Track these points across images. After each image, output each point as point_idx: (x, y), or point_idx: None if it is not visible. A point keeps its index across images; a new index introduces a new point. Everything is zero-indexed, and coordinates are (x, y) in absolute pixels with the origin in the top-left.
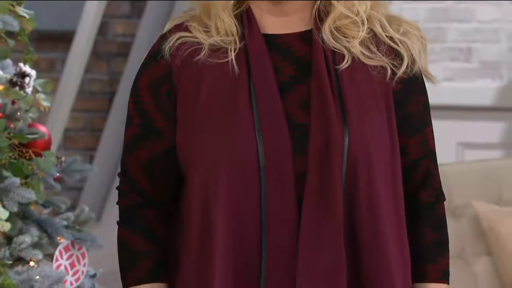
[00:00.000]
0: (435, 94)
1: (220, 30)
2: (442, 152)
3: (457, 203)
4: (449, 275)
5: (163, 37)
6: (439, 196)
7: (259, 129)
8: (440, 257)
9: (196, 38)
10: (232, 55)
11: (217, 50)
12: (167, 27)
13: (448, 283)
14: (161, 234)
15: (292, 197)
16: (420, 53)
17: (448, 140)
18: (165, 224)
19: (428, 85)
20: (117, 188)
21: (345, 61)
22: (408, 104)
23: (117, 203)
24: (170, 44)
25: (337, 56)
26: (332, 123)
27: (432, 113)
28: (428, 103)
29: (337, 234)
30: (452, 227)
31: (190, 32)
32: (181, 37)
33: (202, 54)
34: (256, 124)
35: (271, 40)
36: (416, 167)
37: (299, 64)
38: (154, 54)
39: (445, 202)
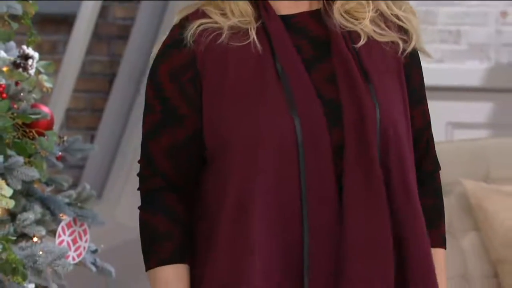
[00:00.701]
0: (426, 76)
1: (235, 12)
2: (432, 131)
3: (446, 181)
4: (446, 241)
5: (181, 26)
6: (437, 166)
7: (293, 105)
8: (440, 222)
9: (217, 23)
10: (253, 34)
11: (237, 33)
12: (178, 17)
13: (445, 248)
14: (183, 216)
15: (331, 170)
16: (418, 30)
17: (438, 120)
18: (187, 208)
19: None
20: (137, 174)
21: (362, 39)
22: (412, 77)
23: (138, 189)
24: (192, 31)
25: (353, 35)
26: (363, 97)
27: None
28: (423, 76)
29: (382, 208)
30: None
31: (209, 17)
32: (202, 23)
33: (223, 37)
34: (288, 101)
35: (287, 20)
36: (420, 137)
37: (316, 43)
38: (175, 42)
39: None
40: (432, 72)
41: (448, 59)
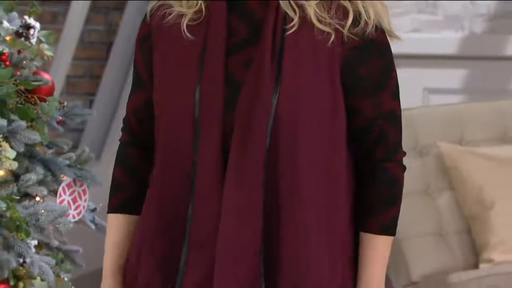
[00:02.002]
0: (404, 44)
1: None
2: (410, 97)
3: (423, 143)
4: (391, 228)
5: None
6: (392, 155)
7: (199, 86)
8: (383, 211)
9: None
10: (184, 22)
11: (185, 13)
12: None
13: (390, 235)
14: (140, 171)
15: (218, 148)
16: (381, 15)
17: (415, 86)
18: (148, 164)
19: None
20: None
21: (293, 23)
22: (360, 68)
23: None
24: (151, 7)
25: (288, 20)
26: (263, 82)
27: (401, 61)
28: (389, 66)
29: (257, 180)
30: (418, 165)
31: None
32: (163, 2)
33: (171, 16)
34: (199, 80)
35: (236, 1)
36: (370, 127)
37: (254, 27)
38: (145, 16)
39: (412, 142)
40: (410, 41)
41: (425, 29)
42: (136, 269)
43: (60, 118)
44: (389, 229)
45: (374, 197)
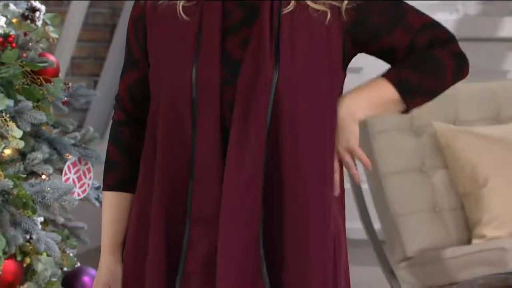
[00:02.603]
0: None
1: None
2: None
3: (418, 123)
4: (404, 89)
5: None
6: (443, 44)
7: (196, 65)
8: (404, 69)
9: None
10: (180, 4)
11: None
12: None
13: (399, 93)
14: (134, 149)
15: (217, 126)
16: None
17: None
18: (142, 142)
19: None
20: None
21: (289, 5)
22: (369, 20)
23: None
24: None
25: (283, 2)
26: (263, 60)
27: None
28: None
29: (259, 157)
30: (414, 144)
31: None
32: None
33: None
34: (195, 60)
35: None
36: (413, 48)
37: (249, 9)
38: None
39: (407, 122)
40: None
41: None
42: (136, 246)
43: (65, 98)
44: (402, 87)
45: (405, 61)
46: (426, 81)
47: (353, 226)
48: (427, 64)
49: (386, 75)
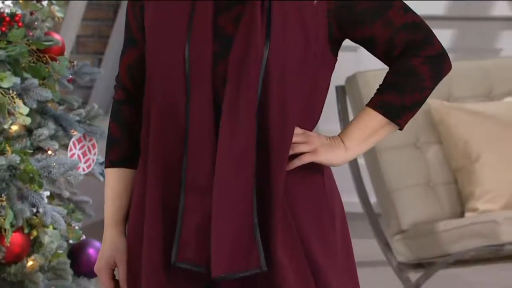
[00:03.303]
0: None
1: None
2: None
3: None
4: (390, 112)
5: None
6: (416, 50)
7: (188, 40)
8: (387, 92)
9: None
10: None
11: None
12: None
13: (386, 118)
14: (134, 126)
15: (209, 99)
16: None
17: None
18: (141, 120)
19: None
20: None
21: None
22: (355, 6)
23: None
24: None
25: None
26: (255, 35)
27: None
28: None
29: (250, 128)
30: (409, 121)
31: None
32: None
33: None
34: (188, 36)
35: None
36: (391, 47)
37: None
38: None
39: None
40: None
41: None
42: (138, 220)
43: (70, 76)
44: (388, 111)
45: (385, 80)
46: (408, 97)
47: (350, 200)
48: (405, 80)
49: (370, 104)
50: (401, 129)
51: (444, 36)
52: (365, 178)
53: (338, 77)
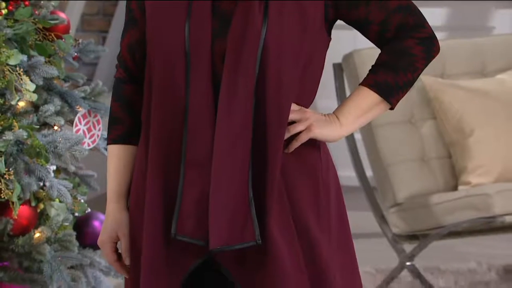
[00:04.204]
0: None
1: None
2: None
3: None
4: (384, 91)
5: None
6: (410, 32)
7: (188, 18)
8: (381, 72)
9: None
10: None
11: None
12: None
13: (380, 96)
14: (135, 104)
15: (209, 75)
16: None
17: None
18: (142, 99)
19: None
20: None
21: None
22: None
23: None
24: None
25: None
26: (253, 13)
27: None
28: None
29: (248, 104)
30: (404, 97)
31: None
32: None
33: None
34: (188, 14)
35: None
36: (385, 28)
37: None
38: None
39: None
40: None
41: None
42: (139, 194)
43: (75, 54)
44: (382, 90)
45: (379, 59)
46: (401, 77)
47: (347, 174)
48: (398, 60)
49: (365, 83)
50: (392, 108)
51: (439, 15)
52: (362, 153)
53: (335, 55)
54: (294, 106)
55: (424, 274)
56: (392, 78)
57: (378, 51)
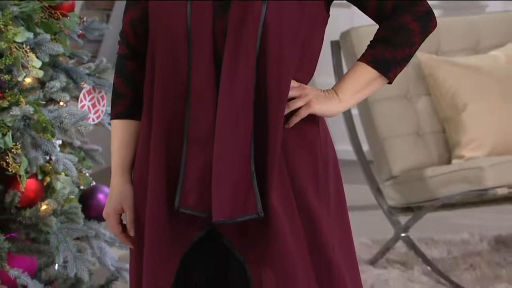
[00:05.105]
0: None
1: None
2: None
3: None
4: (381, 66)
5: None
6: (407, 8)
7: None
8: (379, 47)
9: None
10: None
11: None
12: None
13: (377, 72)
14: (138, 80)
15: (210, 53)
16: None
17: None
18: (144, 75)
19: None
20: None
21: None
22: None
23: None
24: None
25: None
26: None
27: None
28: None
29: (249, 81)
30: (400, 73)
31: None
32: None
33: None
34: None
35: None
36: (385, 1)
37: None
38: None
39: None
40: None
41: None
42: (143, 168)
43: (80, 31)
44: (380, 65)
45: (377, 35)
46: (399, 52)
47: (344, 148)
48: (395, 36)
49: (363, 59)
50: (390, 82)
51: None
52: (358, 127)
53: (333, 32)
54: (293, 83)
55: (418, 245)
56: (389, 53)
57: (375, 28)
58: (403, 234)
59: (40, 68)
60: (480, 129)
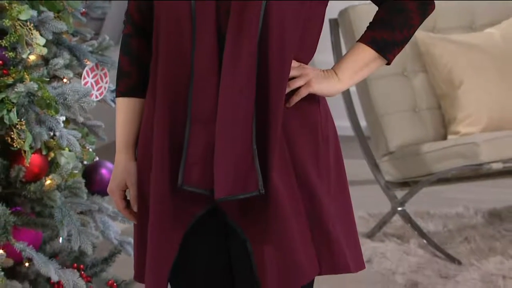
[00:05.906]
0: None
1: None
2: None
3: None
4: (381, 48)
5: None
6: None
7: None
8: (378, 29)
9: None
10: None
11: None
12: None
13: (378, 53)
14: (143, 59)
15: (214, 34)
16: None
17: None
18: (150, 52)
19: None
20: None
21: None
22: None
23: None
24: None
25: None
26: None
27: None
28: None
29: (251, 62)
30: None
31: None
32: None
33: None
34: None
35: None
36: None
37: None
38: None
39: None
40: None
41: None
42: (146, 145)
43: (83, 9)
44: (380, 47)
45: (376, 16)
46: (397, 33)
47: (342, 124)
48: (394, 17)
49: (362, 40)
50: (389, 63)
51: None
52: (356, 104)
53: (331, 11)
54: (294, 63)
55: (414, 219)
56: (388, 34)
57: (373, 6)
58: (399, 208)
59: (44, 46)
60: (475, 105)
